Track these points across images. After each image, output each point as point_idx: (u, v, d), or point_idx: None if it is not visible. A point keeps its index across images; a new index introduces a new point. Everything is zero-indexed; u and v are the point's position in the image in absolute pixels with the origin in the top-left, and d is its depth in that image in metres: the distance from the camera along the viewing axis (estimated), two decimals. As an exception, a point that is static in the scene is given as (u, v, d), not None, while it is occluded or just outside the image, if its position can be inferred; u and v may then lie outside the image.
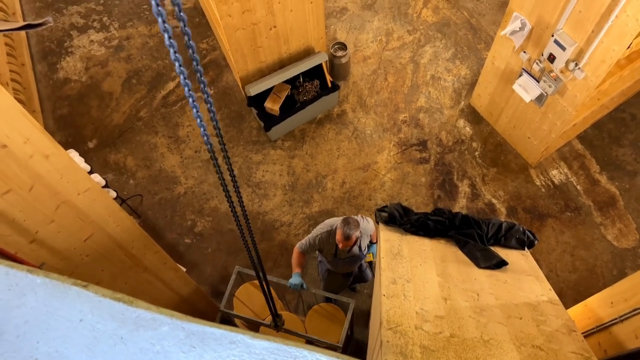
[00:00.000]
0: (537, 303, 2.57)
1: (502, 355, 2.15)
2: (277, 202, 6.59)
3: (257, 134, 7.02)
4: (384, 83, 7.37)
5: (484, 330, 2.30)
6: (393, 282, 2.63)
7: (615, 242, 6.34)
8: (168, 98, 7.24)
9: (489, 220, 3.30)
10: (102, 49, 7.56)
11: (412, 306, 2.43)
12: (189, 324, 1.13)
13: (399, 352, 2.09)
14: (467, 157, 6.85)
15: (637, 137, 6.90)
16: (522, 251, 3.24)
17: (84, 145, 6.89)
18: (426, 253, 3.01)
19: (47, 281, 1.18)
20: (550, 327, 2.38)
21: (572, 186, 6.66)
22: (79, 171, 2.81)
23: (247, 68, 6.41)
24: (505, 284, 2.73)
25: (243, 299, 4.71)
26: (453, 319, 2.37)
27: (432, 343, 2.18)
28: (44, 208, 2.69)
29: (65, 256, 3.09)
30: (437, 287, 2.62)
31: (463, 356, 2.12)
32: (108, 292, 1.17)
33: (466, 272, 2.82)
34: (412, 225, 3.24)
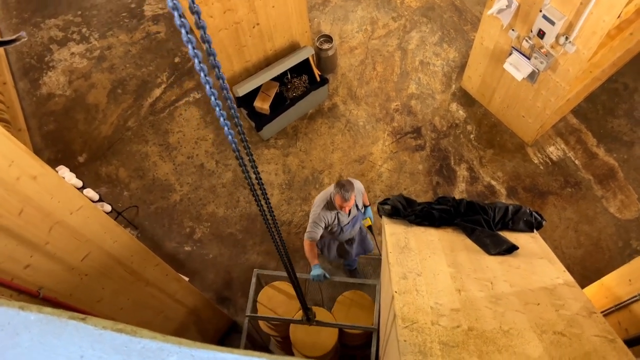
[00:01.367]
0: (553, 287, 2.49)
1: (524, 344, 2.08)
2: (274, 201, 6.50)
3: (248, 135, 6.90)
4: (372, 73, 7.28)
5: (502, 320, 2.23)
6: (404, 277, 2.55)
7: (618, 214, 6.29)
8: (155, 105, 7.12)
9: (495, 205, 3.22)
10: (84, 60, 7.43)
11: (426, 301, 2.35)
12: (198, 351, 1.05)
13: (418, 351, 2.01)
14: (462, 141, 6.77)
15: (631, 106, 6.85)
16: (531, 233, 3.17)
17: (74, 160, 6.77)
18: (434, 244, 2.93)
19: (42, 317, 1.09)
20: (570, 311, 2.31)
21: (571, 161, 6.60)
22: (70, 189, 2.71)
23: (233, 68, 6.30)
24: (518, 269, 2.66)
25: (265, 303, 4.70)
26: (469, 310, 2.29)
27: (451, 338, 2.10)
28: (36, 231, 2.59)
29: (63, 278, 2.99)
30: (449, 279, 2.54)
31: (484, 349, 2.04)
32: (109, 324, 1.08)
33: (477, 261, 2.74)
34: (417, 216, 3.15)
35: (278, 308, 4.78)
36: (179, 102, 7.14)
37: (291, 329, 4.69)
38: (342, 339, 4.84)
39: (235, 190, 6.57)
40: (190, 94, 7.19)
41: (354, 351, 5.25)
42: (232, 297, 6.13)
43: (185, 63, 7.39)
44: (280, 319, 4.64)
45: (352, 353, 5.34)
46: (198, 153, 6.81)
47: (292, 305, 4.74)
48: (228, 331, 5.93)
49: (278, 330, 5.03)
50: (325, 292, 5.69)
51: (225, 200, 6.53)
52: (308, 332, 4.61)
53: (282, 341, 5.24)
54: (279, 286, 4.90)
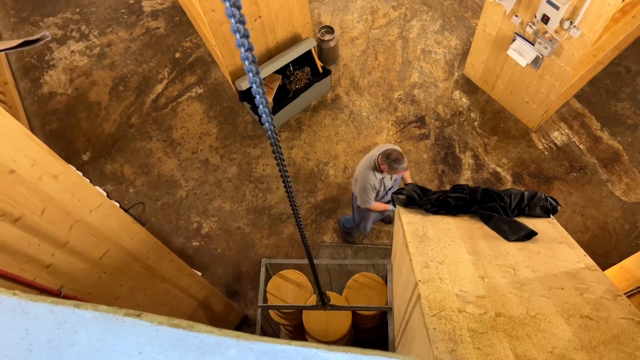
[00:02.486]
0: (575, 271, 2.51)
1: (553, 329, 2.09)
2: (281, 194, 6.50)
3: (252, 129, 6.90)
4: (374, 62, 7.26)
5: (529, 306, 2.24)
6: (426, 265, 2.56)
7: (624, 197, 6.31)
8: (158, 101, 7.09)
9: (510, 191, 3.23)
10: (85, 58, 7.39)
11: (450, 289, 2.36)
12: (257, 344, 1.05)
13: (449, 339, 2.02)
14: (466, 129, 6.78)
15: (634, 89, 6.86)
16: (548, 219, 3.18)
17: (78, 159, 6.75)
18: (452, 232, 2.94)
19: (98, 315, 1.09)
20: (594, 294, 2.32)
21: (575, 146, 6.61)
22: (89, 187, 2.70)
23: (235, 62, 6.28)
24: (538, 254, 2.67)
25: (274, 292, 4.69)
26: (495, 297, 2.31)
27: (480, 325, 2.11)
28: (57, 230, 2.59)
29: (83, 276, 2.99)
30: (472, 266, 2.56)
31: (513, 335, 2.05)
32: (164, 319, 1.08)
33: (497, 247, 2.75)
34: (433, 205, 3.16)
35: (287, 296, 4.77)
36: (181, 98, 7.12)
37: (304, 316, 4.68)
38: (354, 322, 4.86)
39: (241, 184, 6.56)
40: (192, 89, 7.17)
41: (366, 334, 5.26)
42: (242, 290, 6.14)
43: (186, 58, 7.37)
44: (294, 307, 4.62)
45: (364, 336, 5.35)
46: (202, 148, 6.80)
47: (301, 293, 4.72)
48: (239, 325, 5.95)
49: (289, 319, 5.03)
50: (333, 277, 5.71)
51: (232, 194, 6.53)
52: (320, 318, 4.62)
53: (292, 330, 5.25)
54: (286, 275, 4.86)
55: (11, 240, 2.35)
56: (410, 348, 2.75)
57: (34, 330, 1.11)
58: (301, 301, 4.69)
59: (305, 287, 4.72)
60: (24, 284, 2.57)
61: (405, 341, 3.05)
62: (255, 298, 6.03)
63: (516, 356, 1.93)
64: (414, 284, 2.51)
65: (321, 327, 4.66)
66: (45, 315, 1.10)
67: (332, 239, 6.24)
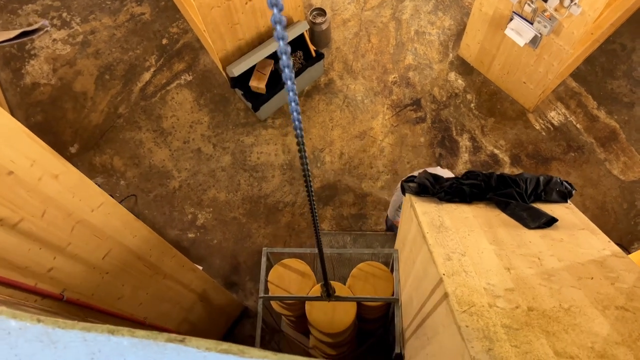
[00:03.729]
0: (602, 259, 2.43)
1: (589, 322, 2.01)
2: (276, 183, 6.37)
3: (245, 116, 6.73)
4: (368, 45, 7.11)
5: (560, 298, 2.16)
6: (448, 258, 2.46)
7: (622, 176, 6.29)
8: (146, 90, 6.88)
9: (524, 176, 3.14)
10: (67, 47, 7.12)
11: (477, 282, 2.27)
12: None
13: (483, 337, 1.93)
14: (463, 111, 6.68)
15: (630, 67, 6.80)
16: (565, 204, 3.10)
17: (66, 152, 6.54)
18: (469, 220, 2.84)
19: (136, 342, 0.96)
20: (626, 283, 2.25)
21: (572, 125, 6.56)
22: (90, 186, 2.55)
23: (225, 48, 6.09)
24: (562, 242, 2.59)
25: (276, 282, 4.53)
26: (524, 289, 2.22)
27: (513, 320, 2.02)
28: (59, 232, 2.44)
29: (85, 278, 2.85)
30: (495, 257, 2.46)
31: (549, 330, 1.97)
32: (212, 344, 0.96)
33: (518, 236, 2.66)
34: (446, 192, 3.05)
35: (290, 286, 4.59)
36: (170, 86, 6.91)
37: (307, 307, 4.50)
38: (358, 312, 4.74)
39: (236, 173, 6.41)
40: (181, 77, 6.96)
41: (370, 324, 5.18)
42: (240, 282, 6.03)
43: (173, 44, 7.14)
44: (298, 298, 4.44)
45: (368, 327, 5.27)
46: (194, 137, 6.62)
47: (304, 283, 4.55)
48: (239, 317, 5.85)
49: (292, 310, 4.88)
50: (335, 265, 5.60)
51: (226, 184, 6.38)
52: (325, 309, 4.46)
53: (295, 320, 5.12)
54: (288, 264, 4.65)
55: (11, 246, 2.20)
56: (429, 342, 2.67)
57: (65, 363, 0.98)
58: (304, 291, 4.54)
59: (308, 276, 4.55)
60: (26, 291, 2.43)
61: (421, 334, 2.96)
62: (255, 289, 5.92)
63: (556, 353, 1.84)
64: (437, 278, 2.41)
65: (326, 318, 4.52)
66: (77, 345, 0.97)
67: (330, 226, 6.14)
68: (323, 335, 4.51)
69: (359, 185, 6.30)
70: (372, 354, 5.58)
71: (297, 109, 1.54)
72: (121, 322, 3.34)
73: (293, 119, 1.61)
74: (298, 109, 1.54)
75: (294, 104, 1.52)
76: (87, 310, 2.96)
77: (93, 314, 3.01)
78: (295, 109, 1.53)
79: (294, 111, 1.54)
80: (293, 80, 1.39)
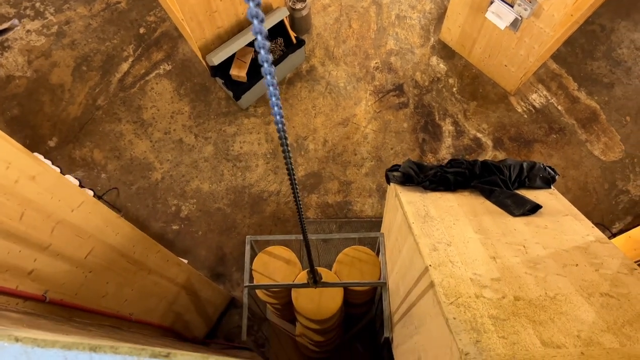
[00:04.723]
0: (586, 245, 2.45)
1: (574, 310, 2.03)
2: (260, 172, 6.32)
3: (226, 105, 6.65)
4: (349, 30, 7.04)
5: (546, 286, 2.17)
6: (434, 248, 2.46)
7: (602, 157, 6.35)
8: (124, 81, 6.76)
9: (508, 163, 3.14)
10: (42, 38, 6.95)
11: (463, 272, 2.27)
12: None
13: (471, 329, 1.93)
14: (445, 95, 6.67)
15: (609, 47, 6.84)
16: (549, 190, 3.11)
17: (44, 145, 6.41)
18: (454, 209, 2.84)
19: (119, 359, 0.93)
20: (610, 269, 2.27)
21: (553, 107, 6.59)
22: (69, 186, 2.50)
23: (205, 36, 5.98)
24: (546, 229, 2.60)
25: (261, 270, 4.47)
26: (510, 279, 2.23)
27: (500, 311, 2.03)
28: (38, 234, 2.39)
29: (68, 277, 2.80)
30: (481, 246, 2.47)
31: (536, 319, 1.98)
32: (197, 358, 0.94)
33: (503, 224, 2.67)
34: (431, 181, 3.05)
35: (275, 274, 4.51)
36: (149, 76, 6.79)
37: (293, 295, 4.48)
38: (345, 298, 4.69)
39: (219, 163, 6.35)
40: (160, 66, 6.84)
41: (357, 309, 5.16)
42: (227, 272, 6.01)
43: (151, 34, 7.01)
44: (284, 285, 4.38)
45: (355, 311, 5.26)
46: (175, 128, 6.53)
47: (289, 270, 4.50)
48: (227, 307, 5.84)
49: (278, 298, 4.81)
50: (321, 252, 5.59)
51: (209, 174, 6.32)
52: (311, 295, 4.42)
53: (281, 308, 5.06)
54: (273, 251, 4.61)
55: (-11, 250, 2.15)
56: (417, 332, 2.68)
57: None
58: (290, 278, 4.46)
59: (293, 263, 4.48)
60: (6, 294, 2.38)
61: (408, 323, 2.97)
62: (242, 279, 5.90)
63: (543, 343, 1.85)
64: (423, 269, 2.41)
65: (312, 305, 4.47)
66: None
67: (315, 214, 6.13)
68: (310, 322, 4.47)
69: (344, 173, 6.28)
70: (360, 339, 5.61)
71: (278, 103, 1.50)
72: (107, 320, 3.30)
73: (273, 113, 1.58)
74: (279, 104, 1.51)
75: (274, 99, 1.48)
76: (72, 310, 2.91)
77: (78, 314, 2.97)
78: (276, 104, 1.50)
79: (275, 105, 1.50)
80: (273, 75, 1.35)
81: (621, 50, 6.79)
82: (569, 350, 1.81)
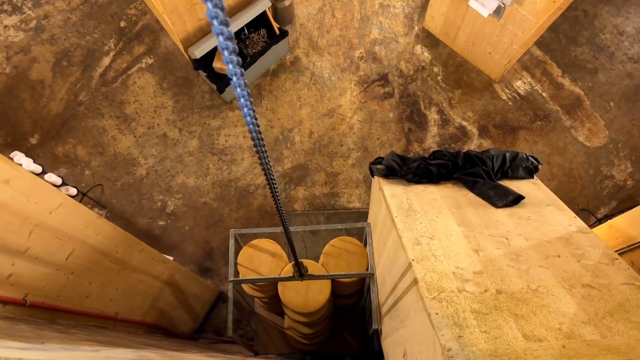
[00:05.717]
0: (568, 235, 2.45)
1: (556, 302, 2.03)
2: (246, 165, 6.28)
3: (210, 98, 6.59)
4: (332, 20, 6.99)
5: (528, 278, 2.17)
6: (417, 242, 2.45)
7: (587, 143, 6.38)
8: (106, 75, 6.66)
9: (490, 154, 3.14)
10: (20, 33, 6.82)
11: (446, 266, 2.27)
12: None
13: (453, 324, 1.93)
14: (430, 84, 6.66)
15: (592, 33, 6.85)
16: (532, 180, 3.12)
17: (26, 143, 6.32)
18: (438, 202, 2.83)
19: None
20: (591, 260, 2.27)
21: (538, 94, 6.60)
22: (46, 188, 2.45)
23: (186, 29, 5.91)
24: (529, 220, 2.60)
25: (246, 264, 4.42)
26: (492, 272, 2.23)
27: (482, 305, 2.03)
28: (15, 238, 2.35)
29: (49, 280, 2.77)
30: (464, 239, 2.46)
31: (518, 312, 1.98)
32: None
33: (486, 216, 2.66)
34: (415, 174, 3.04)
35: (261, 267, 4.45)
36: (131, 70, 6.70)
37: (280, 288, 4.43)
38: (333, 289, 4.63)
39: (204, 157, 6.30)
40: (142, 60, 6.75)
41: (345, 300, 5.13)
42: (215, 267, 5.99)
43: (132, 27, 6.91)
44: (269, 279, 4.31)
45: (343, 302, 5.23)
46: (159, 122, 6.47)
47: (275, 263, 4.46)
48: (215, 302, 5.82)
49: (264, 291, 4.75)
50: (308, 245, 5.56)
51: (195, 169, 6.27)
52: (298, 288, 4.38)
53: (268, 302, 5.01)
54: (258, 244, 4.54)
55: (-36, 257, 2.11)
56: (403, 325, 2.68)
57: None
58: (276, 271, 4.41)
59: (279, 256, 4.43)
60: (-15, 300, 2.34)
61: (395, 315, 2.98)
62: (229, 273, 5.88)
63: (525, 337, 1.85)
64: (406, 263, 2.40)
65: (299, 298, 4.42)
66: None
67: (303, 207, 6.11)
68: (298, 315, 4.44)
69: (330, 164, 6.26)
70: (349, 331, 5.62)
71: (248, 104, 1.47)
72: (92, 320, 3.28)
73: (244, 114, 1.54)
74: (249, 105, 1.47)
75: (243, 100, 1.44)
76: (54, 312, 2.88)
77: (61, 315, 2.94)
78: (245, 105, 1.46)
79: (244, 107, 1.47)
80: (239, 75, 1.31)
81: (604, 36, 6.80)
82: (550, 343, 1.82)
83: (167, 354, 2.40)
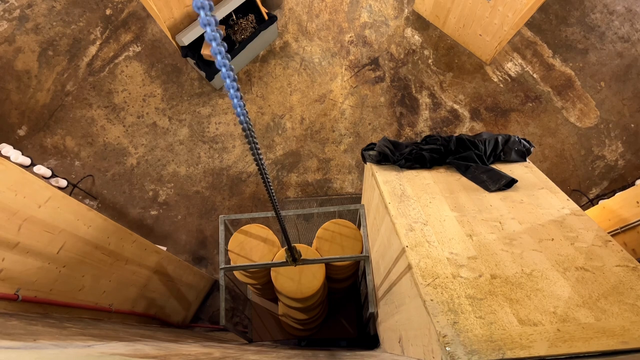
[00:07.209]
0: (561, 218, 2.45)
1: (550, 286, 2.03)
2: (238, 153, 6.24)
3: (199, 85, 6.52)
4: (321, 4, 6.91)
5: (522, 263, 2.17)
6: (410, 228, 2.44)
7: (578, 123, 6.38)
8: (93, 65, 6.57)
9: (483, 137, 3.12)
10: (4, 23, 6.70)
11: (440, 252, 2.26)
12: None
13: (448, 310, 1.93)
14: (421, 67, 6.62)
15: (583, 13, 6.82)
16: (525, 163, 3.11)
17: (14, 135, 6.24)
18: (431, 187, 2.82)
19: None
20: (585, 242, 2.27)
21: (529, 75, 6.58)
22: (34, 182, 2.41)
23: (173, 16, 5.82)
24: (522, 204, 2.59)
25: (237, 251, 4.34)
26: (486, 256, 2.22)
27: (477, 290, 2.03)
28: (4, 232, 2.32)
29: (41, 274, 2.74)
30: (457, 224, 2.46)
31: (513, 297, 1.98)
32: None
33: (479, 200, 2.65)
34: (407, 159, 3.02)
35: (252, 254, 4.35)
36: (118, 58, 6.61)
37: (273, 274, 4.32)
38: (327, 273, 4.51)
39: (195, 146, 6.25)
40: (129, 48, 6.66)
41: (340, 284, 5.10)
42: (208, 255, 5.97)
43: (118, 14, 6.80)
44: (261, 265, 4.16)
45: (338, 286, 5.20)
46: (148, 111, 6.40)
47: (267, 248, 4.34)
48: (210, 290, 5.82)
49: (256, 278, 4.65)
50: (301, 231, 5.53)
51: (186, 157, 6.22)
52: (291, 274, 4.28)
53: (262, 288, 4.93)
54: (249, 230, 4.42)
55: (-48, 254, 2.08)
56: (398, 311, 2.68)
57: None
58: (268, 257, 4.32)
59: (271, 242, 4.34)
60: (-25, 297, 2.32)
61: (390, 301, 2.98)
62: (224, 261, 5.87)
63: (520, 321, 1.85)
64: (400, 249, 2.39)
65: (292, 284, 4.33)
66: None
67: (295, 193, 6.09)
68: (292, 301, 4.37)
69: (322, 150, 6.24)
70: (344, 315, 5.64)
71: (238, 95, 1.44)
72: (86, 313, 3.26)
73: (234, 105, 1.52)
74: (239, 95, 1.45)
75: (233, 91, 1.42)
76: (48, 306, 2.86)
77: (55, 309, 2.92)
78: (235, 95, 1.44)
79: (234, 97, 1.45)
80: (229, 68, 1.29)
81: (595, 15, 6.78)
82: (545, 327, 1.82)
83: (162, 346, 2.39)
